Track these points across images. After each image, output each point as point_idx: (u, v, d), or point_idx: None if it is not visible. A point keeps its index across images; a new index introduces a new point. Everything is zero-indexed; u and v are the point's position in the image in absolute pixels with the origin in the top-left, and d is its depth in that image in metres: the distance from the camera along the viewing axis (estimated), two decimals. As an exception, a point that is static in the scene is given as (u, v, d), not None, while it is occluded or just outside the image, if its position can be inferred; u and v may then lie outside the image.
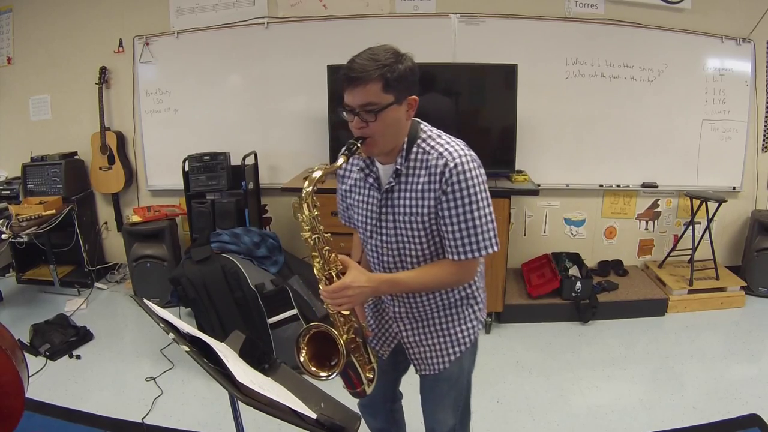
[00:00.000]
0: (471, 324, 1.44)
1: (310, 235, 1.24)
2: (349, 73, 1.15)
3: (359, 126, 1.19)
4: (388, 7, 3.42)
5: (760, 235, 3.47)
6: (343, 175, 1.43)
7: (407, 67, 1.19)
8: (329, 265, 1.25)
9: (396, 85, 1.16)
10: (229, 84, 3.63)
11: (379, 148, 1.24)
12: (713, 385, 2.54)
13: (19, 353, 1.80)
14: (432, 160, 1.22)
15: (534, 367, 2.74)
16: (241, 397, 1.08)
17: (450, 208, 1.22)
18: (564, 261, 3.50)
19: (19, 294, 3.71)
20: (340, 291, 1.21)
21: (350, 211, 1.44)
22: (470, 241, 1.24)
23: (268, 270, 2.75)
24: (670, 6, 3.34)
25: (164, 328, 1.24)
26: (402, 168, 1.26)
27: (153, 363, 2.77)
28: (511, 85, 3.10)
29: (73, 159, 3.75)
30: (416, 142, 1.26)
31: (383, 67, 1.14)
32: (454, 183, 1.20)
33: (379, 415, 1.70)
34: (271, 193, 3.69)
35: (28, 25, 3.71)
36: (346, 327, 1.34)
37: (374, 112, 1.16)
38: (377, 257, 1.38)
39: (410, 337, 1.45)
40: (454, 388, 1.50)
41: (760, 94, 3.49)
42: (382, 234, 1.34)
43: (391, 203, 1.29)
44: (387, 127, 1.20)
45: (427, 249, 1.31)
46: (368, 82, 1.14)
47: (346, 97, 1.18)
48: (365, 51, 1.18)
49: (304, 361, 1.32)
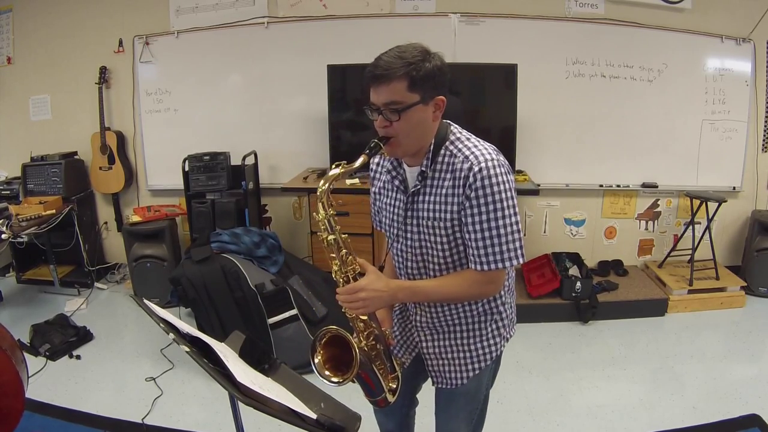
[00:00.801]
0: (494, 340, 1.37)
1: (327, 236, 1.20)
2: (374, 70, 1.12)
3: (383, 125, 1.16)
4: (388, 6, 3.42)
5: (760, 235, 3.47)
6: (373, 177, 1.40)
7: (435, 66, 1.14)
8: (346, 267, 1.22)
9: (422, 84, 1.12)
10: (229, 84, 3.63)
11: (403, 149, 1.20)
12: (713, 385, 2.54)
13: (18, 353, 1.80)
14: (458, 164, 1.18)
15: (534, 367, 2.74)
16: (241, 397, 1.08)
17: (473, 214, 1.16)
18: (564, 261, 3.50)
19: (19, 294, 3.71)
20: (353, 293, 1.18)
21: (379, 215, 1.41)
22: (494, 251, 1.17)
23: (268, 270, 2.75)
24: (670, 6, 3.34)
25: (164, 329, 1.23)
26: (428, 171, 1.22)
27: (153, 363, 2.77)
28: (511, 85, 3.11)
29: (73, 159, 3.75)
30: (444, 145, 1.22)
31: (409, 65, 1.11)
32: (479, 188, 1.14)
33: (394, 418, 1.67)
34: (271, 193, 3.69)
35: (28, 25, 3.71)
36: (366, 333, 1.30)
37: (398, 111, 1.13)
38: (402, 262, 1.35)
39: (430, 349, 1.40)
40: (470, 403, 1.47)
41: (760, 94, 3.49)
42: (406, 238, 1.30)
43: (416, 207, 1.26)
44: (412, 128, 1.16)
45: (449, 257, 1.26)
46: (393, 80, 1.10)
47: (371, 95, 1.15)
48: (393, 48, 1.14)
49: (318, 364, 1.27)
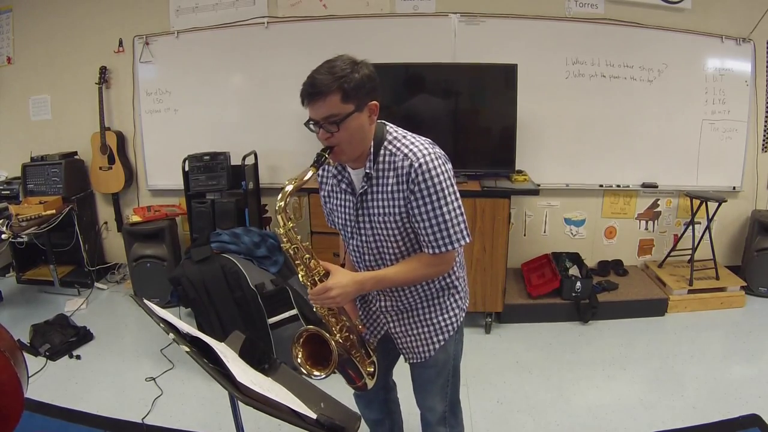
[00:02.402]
0: (453, 312, 1.50)
1: (289, 246, 1.31)
2: (309, 89, 1.20)
3: (325, 137, 1.25)
4: (388, 6, 3.42)
5: (760, 235, 3.47)
6: (321, 182, 1.50)
7: (364, 75, 1.23)
8: (311, 271, 1.32)
9: (354, 94, 1.21)
10: (229, 84, 3.63)
11: (347, 155, 1.29)
12: (713, 385, 2.54)
13: (18, 353, 1.80)
14: (398, 162, 1.28)
15: (534, 367, 2.74)
16: (241, 397, 1.08)
17: (419, 206, 1.27)
18: (564, 261, 3.50)
19: (19, 294, 3.71)
20: (322, 293, 1.29)
21: (331, 216, 1.51)
22: (442, 236, 1.30)
23: (268, 270, 2.74)
24: (670, 6, 3.34)
25: (164, 329, 1.24)
26: (372, 171, 1.31)
27: (153, 363, 2.77)
28: (511, 85, 3.10)
29: (73, 159, 3.75)
30: (383, 145, 1.31)
31: (340, 78, 1.19)
32: (420, 182, 1.25)
33: (373, 404, 1.76)
34: (271, 193, 3.69)
35: (28, 25, 3.71)
36: (339, 326, 1.41)
37: (337, 123, 1.22)
38: (359, 257, 1.45)
39: (397, 328, 1.51)
40: (441, 374, 1.57)
41: (760, 94, 3.49)
42: (361, 235, 1.40)
43: (366, 206, 1.35)
44: (351, 135, 1.25)
45: (403, 246, 1.38)
46: (327, 95, 1.19)
47: (310, 111, 1.24)
48: (323, 64, 1.23)
49: (301, 362, 1.39)
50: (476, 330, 3.11)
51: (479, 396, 2.48)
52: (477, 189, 2.94)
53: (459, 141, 3.16)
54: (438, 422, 1.62)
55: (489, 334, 3.11)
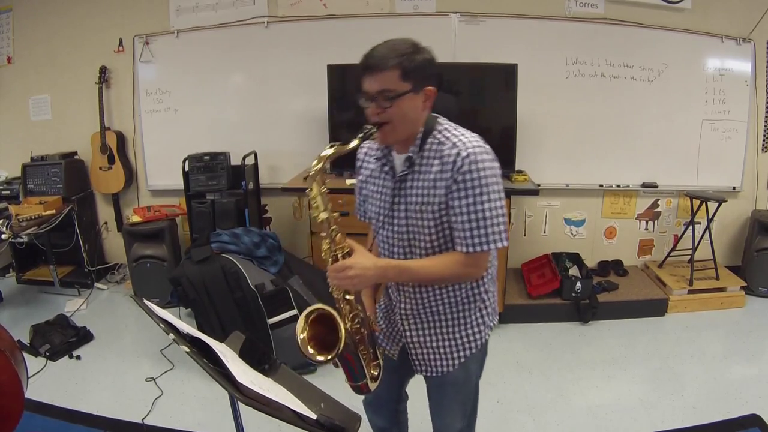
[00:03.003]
0: (478, 328, 1.42)
1: (318, 213, 1.22)
2: (368, 60, 1.19)
3: (376, 112, 1.22)
4: (388, 6, 3.41)
5: (760, 235, 3.47)
6: (360, 166, 1.45)
7: (425, 59, 1.21)
8: (335, 246, 1.24)
9: (413, 74, 1.19)
10: (229, 84, 3.63)
11: (395, 136, 1.26)
12: (713, 385, 2.54)
13: (18, 354, 1.80)
14: (446, 150, 1.23)
15: (534, 367, 2.74)
16: (241, 397, 1.08)
17: (460, 198, 1.21)
18: (564, 261, 3.50)
19: (19, 294, 3.71)
20: (342, 270, 1.20)
21: (366, 204, 1.44)
22: (479, 233, 1.22)
23: (268, 270, 2.74)
24: (670, 6, 3.34)
25: (164, 329, 1.23)
26: (415, 156, 1.27)
27: (153, 363, 2.77)
28: (511, 85, 3.10)
29: (73, 159, 3.75)
30: (432, 134, 1.27)
31: (401, 55, 1.17)
32: (466, 173, 1.19)
33: (383, 413, 1.70)
34: (271, 193, 3.69)
35: (28, 24, 3.71)
36: (351, 315, 1.32)
37: (391, 99, 1.19)
38: (388, 248, 1.38)
39: (414, 338, 1.43)
40: (460, 392, 1.50)
41: (760, 94, 3.49)
42: (393, 224, 1.34)
43: (404, 192, 1.30)
44: (403, 115, 1.22)
45: (436, 240, 1.30)
46: (386, 69, 1.17)
47: (364, 84, 1.21)
48: (385, 41, 1.21)
49: (303, 341, 1.28)
50: (476, 330, 3.11)
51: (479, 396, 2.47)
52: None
53: (459, 141, 3.15)
54: None
55: (489, 334, 3.10)
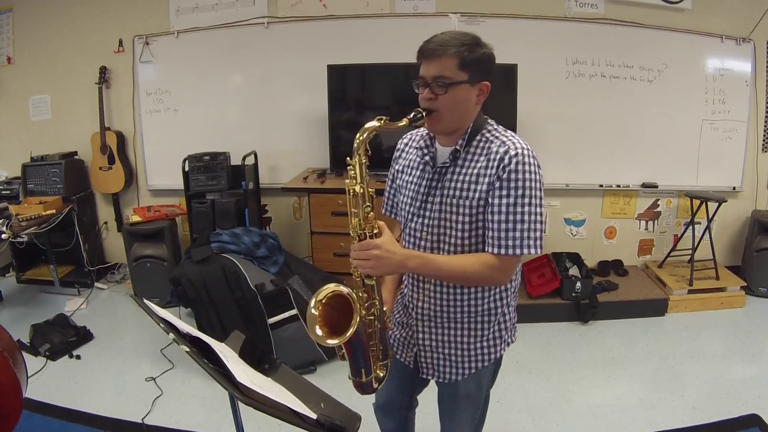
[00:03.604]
0: (494, 342, 1.38)
1: (354, 184, 1.18)
2: (429, 45, 1.18)
3: (428, 97, 1.20)
4: (388, 6, 3.41)
5: (760, 235, 3.47)
6: (398, 156, 1.43)
7: (486, 53, 1.21)
8: (365, 224, 1.18)
9: (472, 65, 1.18)
10: (229, 84, 3.63)
11: (443, 125, 1.24)
12: (713, 385, 2.54)
13: (17, 354, 1.80)
14: (494, 148, 1.22)
15: (534, 367, 2.74)
16: (241, 397, 1.08)
17: (501, 195, 1.19)
18: (564, 261, 3.50)
19: (19, 294, 3.71)
20: (367, 249, 1.15)
21: (397, 196, 1.41)
22: (513, 236, 1.18)
23: (268, 270, 2.74)
24: (670, 6, 3.34)
25: (164, 329, 1.23)
26: (461, 150, 1.25)
27: (153, 363, 2.77)
28: (511, 85, 3.10)
29: (73, 159, 3.75)
30: (481, 132, 1.26)
31: (462, 45, 1.17)
32: (512, 171, 1.18)
33: (393, 418, 1.70)
34: (271, 193, 3.68)
35: (28, 25, 3.71)
36: (367, 304, 1.26)
37: (446, 86, 1.18)
38: (414, 242, 1.33)
39: (426, 341, 1.40)
40: (471, 404, 1.49)
41: (760, 94, 3.49)
42: (424, 216, 1.30)
43: (442, 183, 1.27)
44: (455, 104, 1.20)
45: (466, 238, 1.26)
46: (445, 56, 1.16)
47: (421, 68, 1.20)
48: (448, 30, 1.21)
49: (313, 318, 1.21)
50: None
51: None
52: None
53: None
54: None
55: (489, 334, 3.10)
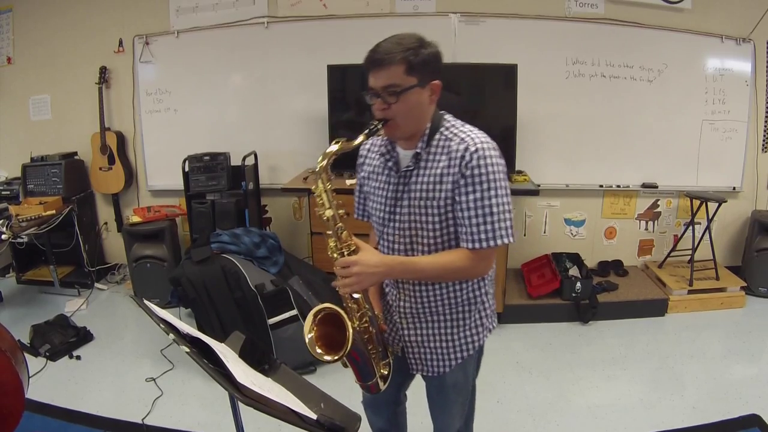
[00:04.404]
0: (476, 330, 1.42)
1: (324, 211, 1.23)
2: (374, 55, 1.18)
3: (381, 108, 1.21)
4: (388, 6, 3.42)
5: (760, 235, 3.47)
6: (362, 163, 1.44)
7: (431, 53, 1.20)
8: (341, 244, 1.23)
9: (419, 68, 1.18)
10: (229, 84, 3.63)
11: (401, 131, 1.25)
12: (713, 385, 2.54)
13: (18, 354, 1.80)
14: (453, 146, 1.22)
15: (534, 367, 2.74)
16: (241, 397, 1.08)
17: (468, 192, 1.20)
18: (564, 261, 3.50)
19: (19, 294, 3.71)
20: (346, 266, 1.19)
21: (367, 202, 1.43)
22: (486, 229, 1.20)
23: (268, 270, 2.74)
24: (670, 6, 3.34)
25: (164, 329, 1.23)
26: (422, 152, 1.26)
27: (153, 363, 2.77)
28: (511, 85, 3.10)
29: (73, 159, 3.75)
30: (439, 130, 1.27)
31: (407, 50, 1.16)
32: (474, 167, 1.19)
33: (382, 414, 1.71)
34: (271, 194, 3.69)
35: (28, 24, 3.71)
36: (359, 314, 1.32)
37: (396, 94, 1.18)
38: (389, 245, 1.36)
39: (412, 337, 1.43)
40: (460, 394, 1.51)
41: (760, 94, 3.49)
42: (395, 220, 1.32)
43: (408, 187, 1.28)
44: (409, 110, 1.21)
45: (439, 237, 1.29)
46: (391, 64, 1.16)
47: (370, 80, 1.21)
48: (391, 36, 1.20)
49: (311, 341, 1.28)
50: (476, 330, 3.11)
51: (479, 396, 2.44)
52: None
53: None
54: None
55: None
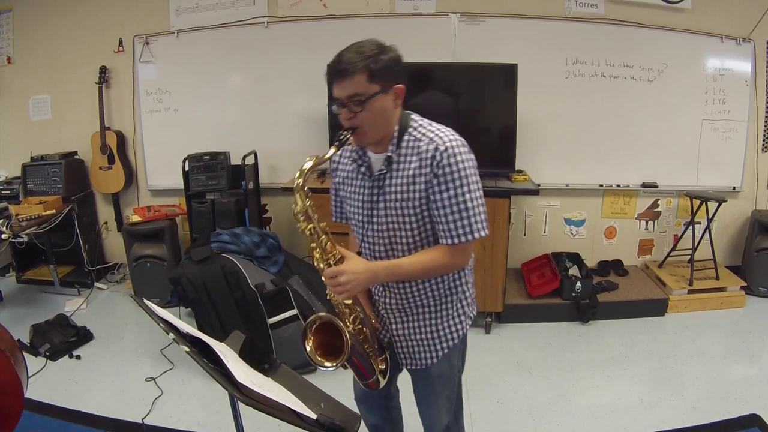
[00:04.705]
0: (459, 319, 1.46)
1: (306, 226, 1.26)
2: (336, 66, 1.20)
3: (348, 117, 1.23)
4: (388, 6, 3.42)
5: (760, 235, 3.47)
6: (335, 168, 1.46)
7: (391, 57, 1.22)
8: (327, 255, 1.27)
9: (381, 74, 1.20)
10: (229, 84, 3.63)
11: (370, 137, 1.27)
12: (713, 385, 2.54)
13: (18, 354, 1.80)
14: (423, 146, 1.25)
15: (534, 367, 2.74)
16: (241, 397, 1.08)
17: (441, 191, 1.24)
18: (564, 261, 3.50)
19: (19, 294, 3.71)
20: (334, 276, 1.23)
21: (343, 205, 1.46)
22: (462, 224, 1.25)
23: (268, 270, 2.74)
24: (670, 6, 3.34)
25: (164, 329, 1.24)
26: (393, 155, 1.29)
27: (153, 363, 2.77)
28: (511, 85, 3.10)
29: (73, 159, 3.75)
30: (407, 131, 1.29)
31: (367, 58, 1.18)
32: (445, 166, 1.22)
33: (374, 410, 1.73)
34: (271, 193, 3.69)
35: (28, 24, 3.71)
36: (352, 317, 1.36)
37: (361, 102, 1.20)
38: (369, 248, 1.40)
39: (400, 330, 1.47)
40: (446, 386, 1.53)
41: (760, 94, 3.49)
42: (373, 223, 1.35)
43: (382, 190, 1.31)
44: (375, 116, 1.23)
45: (418, 236, 1.33)
46: (354, 73, 1.18)
47: (334, 90, 1.23)
48: (350, 45, 1.22)
49: (311, 351, 1.32)
50: (476, 330, 3.11)
51: (479, 396, 2.48)
52: (477, 189, 2.94)
53: (459, 141, 3.15)
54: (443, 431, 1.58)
55: (489, 334, 3.11)
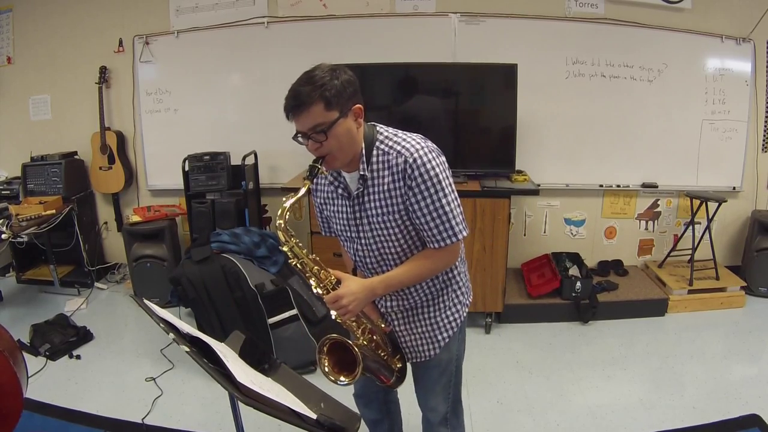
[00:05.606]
0: (455, 308, 1.51)
1: (297, 262, 1.29)
2: (291, 102, 1.21)
3: (314, 147, 1.24)
4: (388, 6, 3.42)
5: (760, 235, 3.47)
6: (315, 190, 1.50)
7: (344, 81, 1.23)
8: (323, 282, 1.31)
9: (336, 100, 1.21)
10: (229, 84, 3.63)
11: (340, 161, 1.29)
12: (713, 385, 2.54)
13: (17, 354, 1.80)
14: (392, 159, 1.28)
15: (534, 367, 2.74)
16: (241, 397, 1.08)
17: (419, 201, 1.27)
18: (564, 261, 3.50)
19: (19, 294, 3.71)
20: (335, 301, 1.28)
21: (329, 222, 1.51)
22: (445, 228, 1.30)
23: (268, 270, 2.74)
24: (670, 6, 3.34)
25: (164, 329, 1.24)
26: (366, 173, 1.31)
27: (153, 363, 2.77)
28: (511, 85, 3.10)
29: (73, 159, 3.75)
30: (375, 145, 1.31)
31: (320, 87, 1.19)
32: (417, 177, 1.25)
33: (372, 404, 1.75)
34: (271, 193, 3.69)
35: (28, 24, 3.71)
36: (360, 329, 1.41)
37: (324, 132, 1.21)
38: (361, 259, 1.45)
39: (401, 327, 1.52)
40: (444, 374, 1.56)
41: (760, 94, 3.49)
42: (360, 238, 1.40)
43: (363, 208, 1.35)
44: (341, 141, 1.24)
45: (405, 244, 1.37)
46: (310, 105, 1.19)
47: (296, 125, 1.24)
48: (302, 76, 1.23)
49: (328, 371, 1.36)
50: (476, 330, 3.11)
51: (479, 396, 2.48)
52: (477, 189, 2.93)
53: (459, 141, 3.15)
54: (440, 423, 1.61)
55: (489, 334, 3.11)
